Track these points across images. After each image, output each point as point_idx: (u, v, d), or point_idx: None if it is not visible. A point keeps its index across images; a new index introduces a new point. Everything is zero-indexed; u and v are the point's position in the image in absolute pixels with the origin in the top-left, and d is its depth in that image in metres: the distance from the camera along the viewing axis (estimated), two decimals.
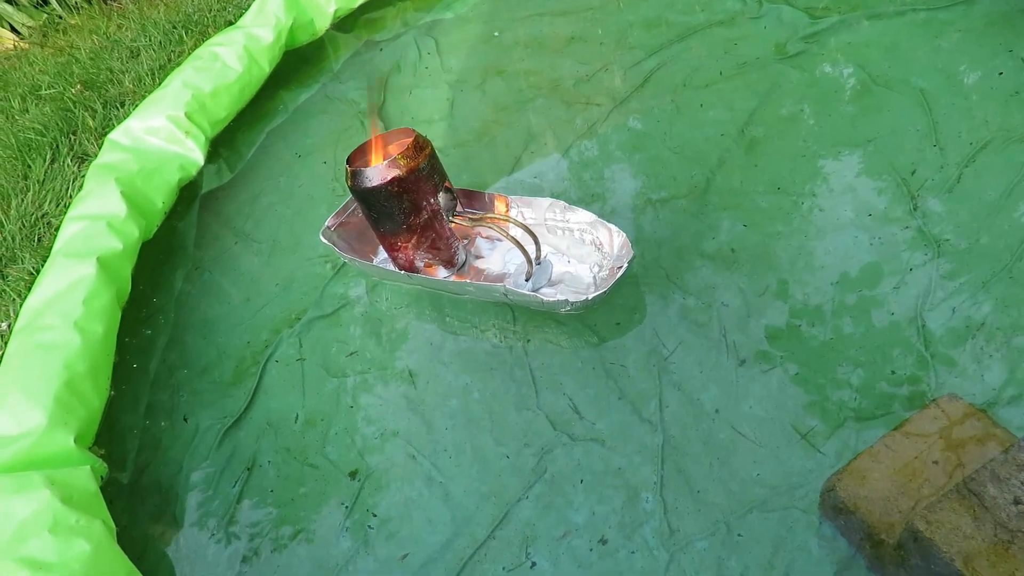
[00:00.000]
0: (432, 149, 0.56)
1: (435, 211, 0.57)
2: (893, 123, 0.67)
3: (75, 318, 0.59)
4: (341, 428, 0.57)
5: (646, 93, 0.79)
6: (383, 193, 0.54)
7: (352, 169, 0.54)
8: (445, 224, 0.58)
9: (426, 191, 0.55)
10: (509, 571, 0.48)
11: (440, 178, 0.57)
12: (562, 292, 0.59)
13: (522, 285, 0.59)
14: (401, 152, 0.54)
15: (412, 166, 0.54)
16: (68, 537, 0.44)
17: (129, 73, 1.32)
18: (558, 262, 0.62)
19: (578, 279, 0.60)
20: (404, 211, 0.55)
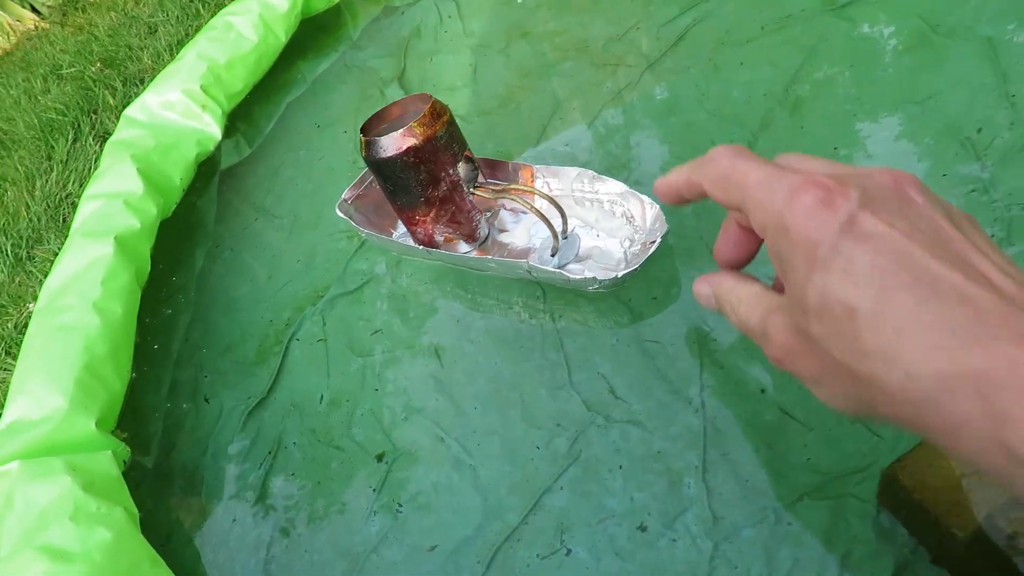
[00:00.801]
0: (450, 116, 0.52)
1: (455, 182, 0.53)
2: (956, 77, 0.61)
3: (94, 299, 0.57)
4: (367, 409, 0.55)
5: (681, 52, 0.74)
6: (399, 164, 0.50)
7: (366, 139, 0.51)
8: (466, 196, 0.54)
9: (444, 161, 0.51)
10: (543, 559, 0.45)
11: (460, 147, 0.53)
12: (590, 268, 0.55)
13: (547, 261, 0.55)
14: (417, 120, 0.49)
15: (429, 134, 0.49)
16: (89, 525, 0.42)
17: (147, 49, 1.31)
18: (586, 236, 0.57)
19: (608, 254, 0.56)
20: (421, 183, 0.52)
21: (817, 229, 0.24)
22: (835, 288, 0.23)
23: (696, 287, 0.35)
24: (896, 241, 0.22)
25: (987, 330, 0.21)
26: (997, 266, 0.22)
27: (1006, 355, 0.20)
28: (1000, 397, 0.20)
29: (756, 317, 0.29)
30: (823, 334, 0.24)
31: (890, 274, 0.22)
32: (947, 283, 0.22)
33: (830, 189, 0.24)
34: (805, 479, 0.46)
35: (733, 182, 0.28)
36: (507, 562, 0.46)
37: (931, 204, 0.24)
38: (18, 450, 0.48)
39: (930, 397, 0.21)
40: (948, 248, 0.23)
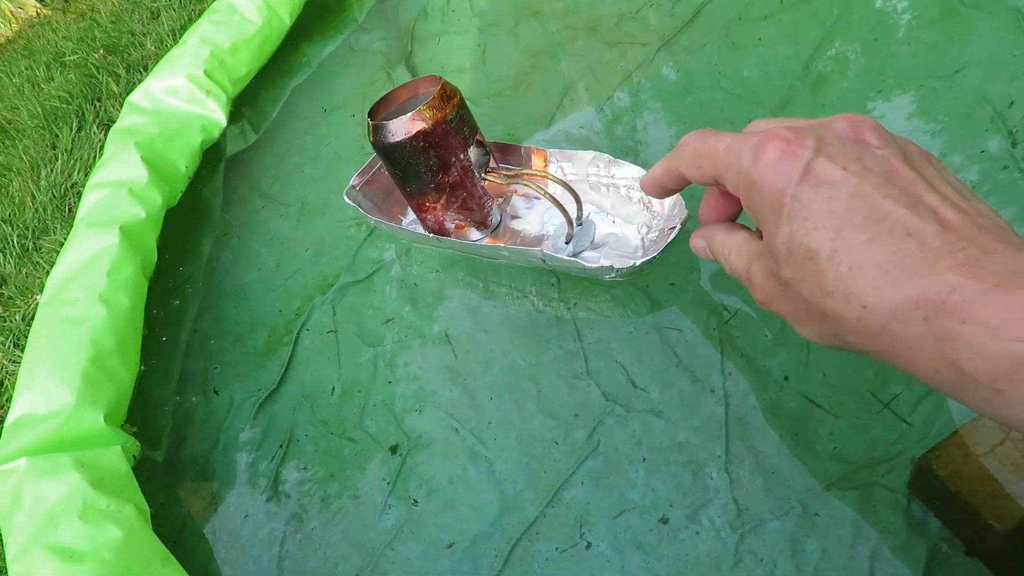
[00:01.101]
0: (461, 98, 0.50)
1: (465, 168, 0.51)
2: (984, 49, 0.59)
3: (100, 291, 0.56)
4: (379, 400, 0.54)
5: (697, 29, 0.72)
6: (408, 149, 0.48)
7: (373, 123, 0.49)
8: (477, 182, 0.53)
9: (455, 145, 0.50)
10: (563, 552, 0.44)
11: (471, 131, 0.51)
12: (606, 256, 0.53)
13: (562, 249, 0.54)
14: (427, 103, 0.47)
15: (439, 118, 0.48)
16: (99, 523, 0.42)
17: (150, 35, 1.29)
18: (602, 222, 0.55)
19: (624, 241, 0.54)
20: (431, 168, 0.50)
21: (779, 180, 0.25)
22: (798, 235, 0.25)
23: (692, 241, 0.37)
24: (849, 184, 0.24)
25: (930, 260, 0.22)
26: (945, 198, 0.24)
27: (946, 281, 0.22)
28: (942, 319, 0.22)
29: (742, 264, 0.32)
30: (793, 278, 0.26)
31: (844, 217, 0.24)
32: (896, 219, 0.23)
33: (789, 140, 0.26)
34: (832, 469, 0.44)
35: (706, 157, 0.30)
36: (525, 556, 0.45)
37: (885, 145, 0.26)
38: (26, 446, 0.47)
39: (885, 326, 0.23)
40: (898, 185, 0.24)
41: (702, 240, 0.36)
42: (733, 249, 0.32)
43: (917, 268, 0.22)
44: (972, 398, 0.22)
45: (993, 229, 0.24)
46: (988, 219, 0.24)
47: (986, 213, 0.25)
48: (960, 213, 0.24)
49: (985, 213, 0.25)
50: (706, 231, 0.36)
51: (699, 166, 0.31)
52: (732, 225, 0.35)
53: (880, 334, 0.24)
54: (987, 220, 0.24)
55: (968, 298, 0.21)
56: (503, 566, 0.44)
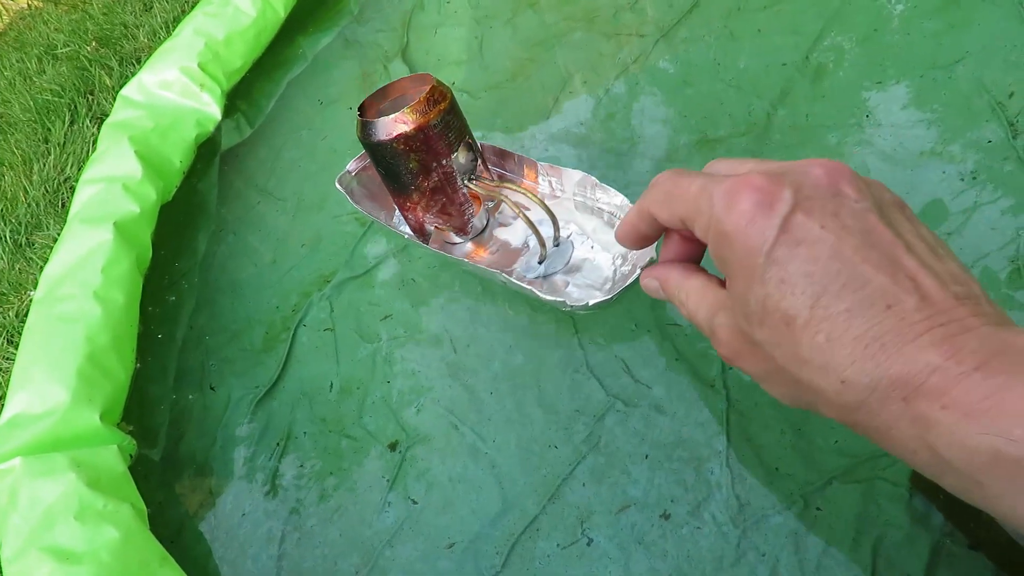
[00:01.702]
0: (450, 103, 0.49)
1: (447, 173, 0.50)
2: (985, 39, 0.59)
3: (94, 287, 0.56)
4: (378, 396, 0.54)
5: (696, 20, 0.71)
6: (388, 149, 0.48)
7: (360, 119, 0.48)
8: (459, 188, 0.51)
9: (438, 151, 0.49)
10: (564, 548, 0.44)
11: (457, 136, 0.50)
12: (577, 281, 0.52)
13: (534, 268, 0.53)
14: (411, 106, 0.47)
15: (422, 123, 0.46)
16: (96, 523, 0.41)
17: (143, 27, 1.28)
18: (581, 246, 0.54)
19: (597, 270, 0.52)
20: (411, 171, 0.49)
21: (753, 236, 0.24)
22: (774, 297, 0.24)
23: (643, 280, 0.35)
24: (828, 245, 0.23)
25: (909, 336, 0.22)
26: (923, 263, 0.23)
27: (926, 361, 0.21)
28: (921, 401, 0.21)
29: (703, 313, 0.30)
30: (766, 340, 0.25)
31: (822, 283, 0.23)
32: (875, 288, 0.22)
33: (765, 191, 0.24)
34: (833, 462, 0.44)
35: (676, 197, 0.29)
36: (526, 553, 0.44)
37: (862, 198, 0.25)
38: (20, 446, 0.46)
39: (863, 402, 0.23)
40: (877, 248, 0.23)
41: (654, 280, 0.35)
42: (692, 295, 0.31)
43: (896, 344, 0.22)
44: (951, 483, 0.22)
45: (969, 298, 0.23)
46: (963, 285, 0.24)
47: (960, 277, 0.24)
48: (938, 281, 0.23)
49: (959, 277, 0.24)
50: (659, 271, 0.34)
51: (669, 206, 0.29)
52: (688, 267, 0.33)
53: (857, 409, 0.23)
54: (962, 287, 0.23)
55: (947, 381, 0.21)
56: (504, 563, 0.44)
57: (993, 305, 0.24)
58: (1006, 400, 0.20)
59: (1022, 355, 0.21)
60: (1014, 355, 0.21)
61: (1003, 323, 0.23)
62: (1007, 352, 0.21)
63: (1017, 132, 0.53)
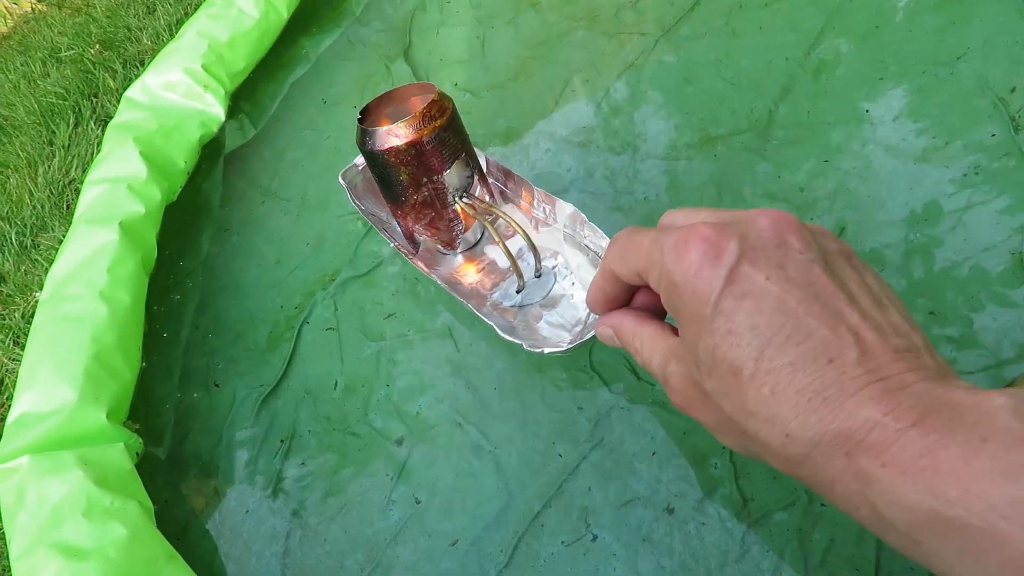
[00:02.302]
0: (448, 119, 0.48)
1: (438, 189, 0.50)
2: (986, 35, 0.59)
3: (100, 287, 0.56)
4: (382, 395, 0.54)
5: (697, 18, 0.71)
6: (379, 160, 0.48)
7: (359, 125, 0.48)
8: (448, 204, 0.51)
9: (430, 167, 0.48)
10: (568, 545, 0.44)
11: (452, 153, 0.49)
12: (551, 317, 0.52)
13: (511, 296, 0.53)
14: (405, 120, 0.46)
15: (414, 139, 0.46)
16: (103, 521, 0.41)
17: (147, 30, 1.28)
18: (563, 280, 0.53)
19: (572, 309, 0.52)
20: (401, 183, 0.49)
21: (701, 287, 0.24)
22: (721, 348, 0.24)
23: (598, 328, 0.36)
24: (772, 297, 0.24)
25: (850, 391, 0.22)
26: (864, 314, 0.24)
27: (866, 416, 0.21)
28: (862, 457, 0.21)
29: (656, 361, 0.30)
30: (714, 390, 0.25)
31: (767, 335, 0.23)
32: (818, 341, 0.23)
33: (711, 241, 0.25)
34: None
35: (630, 251, 0.29)
36: (531, 550, 0.44)
37: (807, 248, 0.25)
38: (28, 444, 0.47)
39: (807, 456, 0.23)
40: (820, 300, 0.24)
41: (608, 329, 0.34)
42: (646, 342, 0.31)
43: (838, 399, 0.22)
44: (893, 541, 0.22)
45: (910, 350, 0.23)
46: (904, 337, 0.24)
47: (902, 328, 0.24)
48: (878, 333, 0.23)
49: (901, 329, 0.24)
50: (613, 319, 0.34)
51: (625, 261, 0.30)
52: (642, 314, 0.33)
53: (802, 463, 0.23)
54: (903, 339, 0.24)
55: (886, 438, 0.21)
56: (509, 560, 0.44)
57: (935, 356, 0.24)
58: (941, 459, 0.20)
59: (956, 412, 0.21)
60: (948, 412, 0.21)
61: (943, 376, 0.23)
62: (942, 409, 0.21)
63: (1019, 127, 0.53)
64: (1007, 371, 0.44)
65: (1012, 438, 0.19)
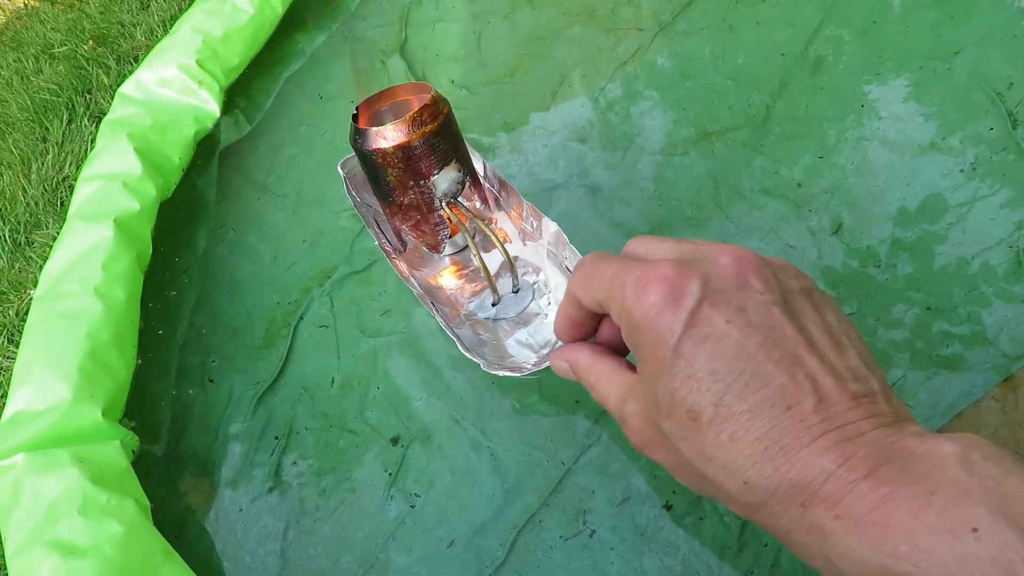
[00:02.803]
0: (440, 124, 0.47)
1: (424, 193, 0.49)
2: (984, 30, 0.59)
3: (95, 284, 0.55)
4: (379, 392, 0.54)
5: (694, 13, 0.71)
6: (367, 158, 0.47)
7: (352, 122, 0.48)
8: (435, 209, 0.50)
9: (417, 171, 0.48)
10: (566, 541, 0.44)
11: (442, 159, 0.48)
12: (520, 335, 0.51)
13: (486, 308, 0.53)
14: (395, 122, 0.46)
15: (402, 142, 0.45)
16: (100, 519, 0.41)
17: (140, 26, 1.27)
18: (540, 298, 0.53)
19: (543, 331, 0.51)
20: (387, 184, 0.49)
21: (661, 329, 0.24)
22: (680, 392, 0.24)
23: (553, 361, 0.35)
24: (732, 341, 0.23)
25: (806, 439, 0.22)
26: (823, 359, 0.24)
27: (821, 466, 0.21)
28: (817, 508, 0.21)
29: (613, 399, 0.30)
30: (673, 433, 0.25)
31: (726, 381, 0.23)
32: (776, 387, 0.23)
33: (672, 282, 0.25)
34: None
35: (593, 280, 0.29)
36: (529, 545, 0.44)
37: (768, 289, 0.25)
38: (23, 442, 0.46)
39: (764, 505, 0.23)
40: (780, 345, 0.24)
41: (564, 362, 0.34)
42: (602, 378, 0.31)
43: (794, 448, 0.22)
44: None
45: (867, 396, 0.23)
46: (862, 381, 0.24)
47: (859, 372, 0.24)
48: (836, 379, 0.23)
49: (859, 372, 0.24)
50: (569, 353, 0.34)
51: (588, 289, 0.29)
52: (598, 349, 0.33)
53: (759, 511, 0.23)
54: (861, 384, 0.23)
55: (840, 489, 0.21)
56: (507, 556, 0.44)
57: (892, 400, 0.24)
58: (892, 513, 0.20)
59: (908, 462, 0.21)
60: (900, 462, 0.21)
61: (900, 420, 0.23)
62: (894, 460, 0.21)
63: (1016, 122, 0.53)
64: (1000, 367, 0.44)
65: (959, 490, 0.19)
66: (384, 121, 0.49)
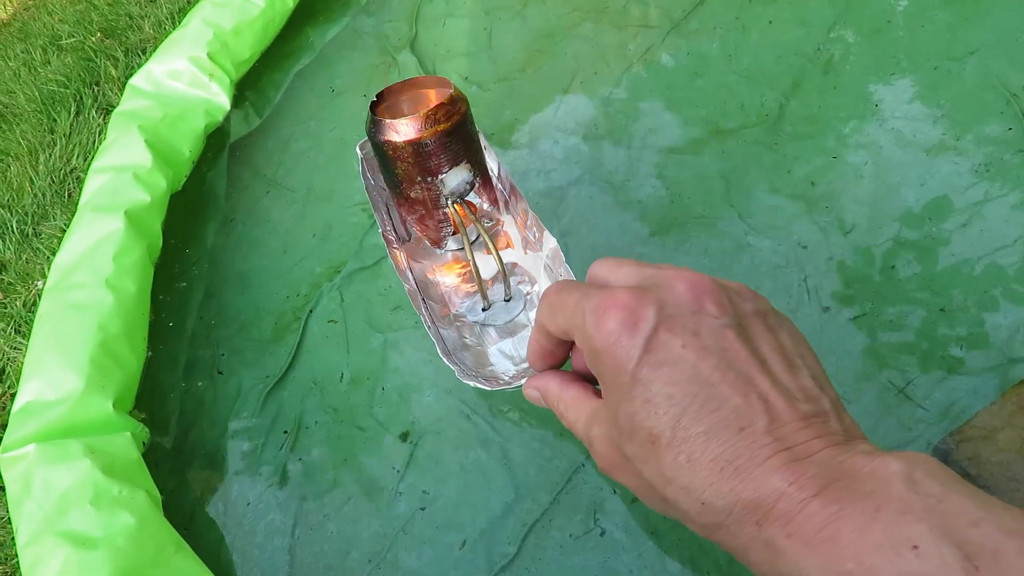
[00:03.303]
0: (454, 125, 0.46)
1: (431, 191, 0.49)
2: (999, 30, 0.59)
3: (106, 276, 0.56)
4: (389, 386, 0.54)
5: (707, 11, 0.71)
6: (379, 149, 0.47)
7: (370, 111, 0.48)
8: (440, 206, 0.50)
9: (425, 168, 0.47)
10: (577, 539, 0.44)
11: (452, 159, 0.48)
12: (505, 346, 0.51)
13: (475, 312, 0.53)
14: (409, 117, 0.45)
15: (412, 138, 0.45)
16: (111, 510, 0.41)
17: (149, 18, 1.27)
18: (532, 309, 0.52)
19: (524, 343, 0.51)
20: (396, 175, 0.48)
21: (620, 355, 0.25)
22: (640, 416, 0.24)
23: (525, 390, 0.36)
24: (687, 365, 0.24)
25: (759, 459, 0.22)
26: (775, 380, 0.24)
27: (773, 486, 0.22)
28: (770, 527, 0.22)
29: (581, 424, 0.31)
30: (634, 456, 0.26)
31: (682, 404, 0.24)
32: (730, 409, 0.23)
33: (629, 309, 0.25)
34: None
35: (557, 309, 0.29)
36: (539, 543, 0.44)
37: (722, 313, 0.25)
38: (34, 432, 0.46)
39: (722, 524, 0.23)
40: (734, 367, 0.24)
41: (535, 391, 0.35)
42: (570, 405, 0.32)
43: (748, 468, 0.22)
44: None
45: (818, 415, 0.24)
46: (813, 401, 0.24)
47: (811, 392, 0.24)
48: (787, 400, 0.24)
49: (810, 393, 0.24)
50: (539, 381, 0.35)
51: (553, 318, 0.30)
52: (567, 377, 0.33)
53: (717, 530, 0.24)
54: (812, 404, 0.24)
55: (792, 507, 0.21)
56: (517, 552, 0.44)
57: (844, 419, 0.25)
58: (840, 531, 0.20)
59: (856, 480, 0.21)
60: (849, 480, 0.21)
61: (850, 439, 0.23)
62: (843, 478, 0.21)
63: None
64: (1013, 370, 0.43)
65: (902, 508, 0.20)
66: (402, 112, 0.49)
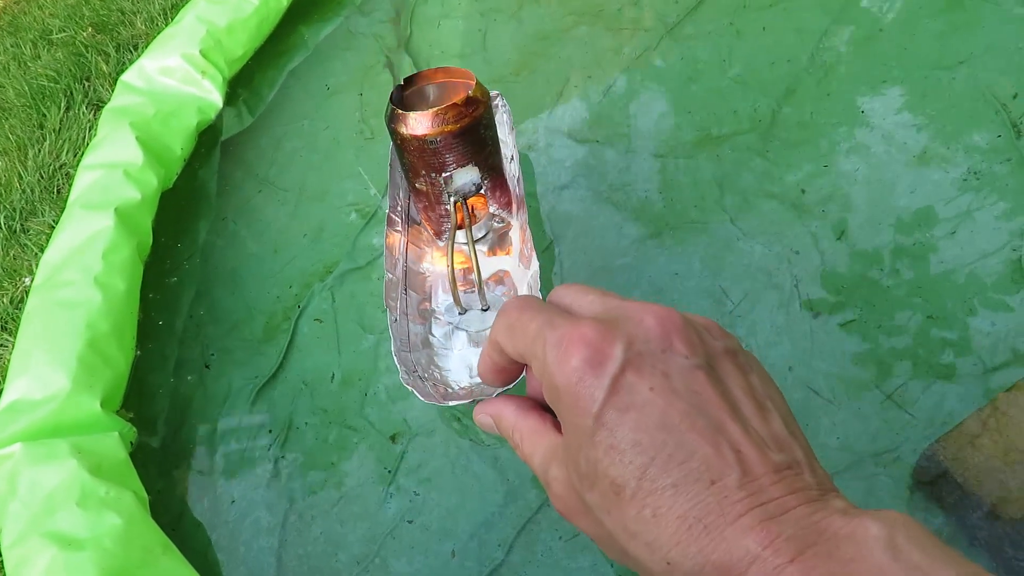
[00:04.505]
0: (463, 127, 0.46)
1: (435, 186, 0.49)
2: (989, 40, 0.59)
3: (95, 273, 0.55)
4: (380, 387, 0.54)
5: (702, 16, 0.71)
6: (392, 135, 0.47)
7: (391, 103, 0.47)
8: (442, 201, 0.51)
9: (431, 164, 0.47)
10: (566, 541, 0.44)
11: (459, 159, 0.48)
12: (468, 355, 0.51)
13: (453, 314, 0.53)
14: (422, 112, 0.45)
15: (419, 134, 0.45)
16: (98, 510, 0.41)
17: (141, 14, 1.26)
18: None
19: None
20: (405, 164, 0.49)
21: (583, 396, 0.23)
22: (603, 463, 0.23)
23: (476, 416, 0.34)
24: (657, 411, 0.23)
25: (730, 517, 0.21)
26: (747, 428, 0.23)
27: (746, 548, 0.21)
28: None
29: (537, 460, 0.29)
30: (596, 505, 0.24)
31: (650, 453, 0.22)
32: (700, 460, 0.22)
33: (594, 347, 0.24)
34: (837, 458, 0.44)
35: (516, 332, 0.28)
36: (529, 545, 0.44)
37: (692, 353, 0.24)
38: (21, 431, 0.46)
39: None
40: (704, 413, 0.23)
41: (487, 417, 0.33)
42: (526, 437, 0.30)
43: (718, 526, 0.21)
44: None
45: (790, 467, 0.23)
46: (786, 451, 0.23)
47: (783, 440, 0.23)
48: (759, 450, 0.23)
49: (783, 441, 0.23)
50: (493, 406, 0.33)
51: (511, 339, 0.28)
52: (524, 404, 0.32)
53: None
54: (784, 454, 0.23)
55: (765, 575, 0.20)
56: (506, 554, 0.44)
57: (816, 469, 0.24)
58: None
59: (835, 545, 0.20)
60: (826, 545, 0.20)
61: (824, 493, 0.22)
62: (820, 542, 0.20)
63: (1020, 133, 0.54)
64: (998, 377, 0.44)
65: None
66: (426, 100, 0.49)
